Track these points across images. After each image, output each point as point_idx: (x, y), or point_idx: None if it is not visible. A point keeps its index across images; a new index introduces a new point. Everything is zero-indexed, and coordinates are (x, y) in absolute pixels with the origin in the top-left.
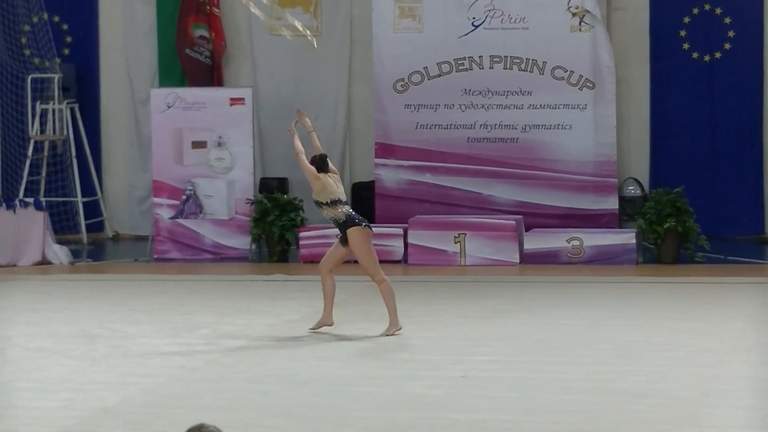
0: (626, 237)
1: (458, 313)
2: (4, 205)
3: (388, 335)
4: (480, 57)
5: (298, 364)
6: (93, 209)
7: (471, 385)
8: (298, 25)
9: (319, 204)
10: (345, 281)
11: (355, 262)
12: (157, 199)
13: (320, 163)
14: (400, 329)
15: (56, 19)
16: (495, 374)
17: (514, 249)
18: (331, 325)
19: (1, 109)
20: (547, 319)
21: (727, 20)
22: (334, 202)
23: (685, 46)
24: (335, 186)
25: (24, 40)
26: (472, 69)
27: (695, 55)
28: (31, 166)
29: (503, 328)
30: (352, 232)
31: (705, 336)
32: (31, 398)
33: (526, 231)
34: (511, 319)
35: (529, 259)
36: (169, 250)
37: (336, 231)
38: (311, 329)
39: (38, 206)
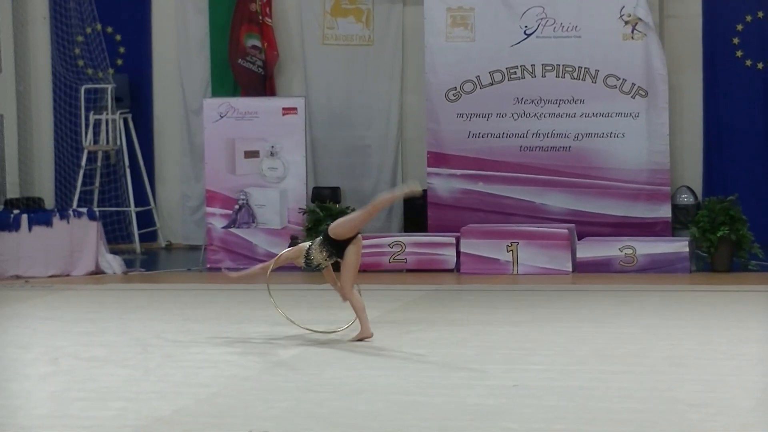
0: (679, 245)
1: (511, 321)
2: (58, 215)
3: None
4: (532, 65)
5: (351, 374)
6: (146, 219)
7: (524, 394)
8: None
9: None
10: (395, 290)
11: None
12: (209, 209)
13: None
14: (371, 336)
15: (109, 29)
16: (548, 383)
17: (566, 258)
18: (370, 337)
19: (55, 120)
20: (601, 328)
21: None
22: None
23: (739, 53)
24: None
25: (77, 51)
26: (524, 77)
27: (748, 62)
28: (84, 176)
29: (556, 337)
30: (357, 241)
31: (761, 345)
32: (84, 408)
33: (579, 239)
34: (564, 328)
35: (582, 267)
36: (222, 260)
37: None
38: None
39: (92, 216)
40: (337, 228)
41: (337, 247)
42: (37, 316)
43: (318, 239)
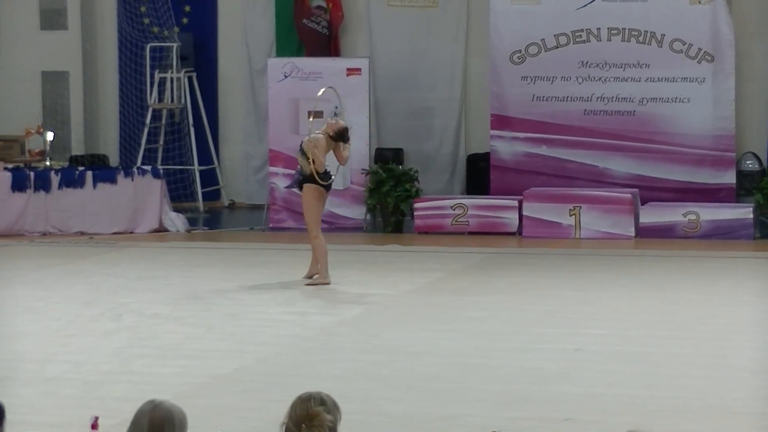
0: (743, 212)
1: (572, 286)
2: (122, 172)
3: (313, 284)
4: (598, 29)
5: (412, 336)
6: (210, 178)
7: (585, 358)
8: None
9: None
10: (457, 253)
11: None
12: (273, 169)
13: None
14: (328, 283)
15: None
16: (610, 348)
17: (629, 222)
18: (327, 284)
19: (120, 78)
20: (663, 294)
21: None
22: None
23: None
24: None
25: (143, 9)
26: (589, 41)
27: None
28: (149, 134)
29: (618, 302)
30: (307, 187)
31: None
32: (146, 365)
33: (642, 204)
34: (626, 293)
35: (645, 232)
36: (285, 219)
37: None
38: (307, 284)
39: (156, 174)
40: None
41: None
42: (101, 272)
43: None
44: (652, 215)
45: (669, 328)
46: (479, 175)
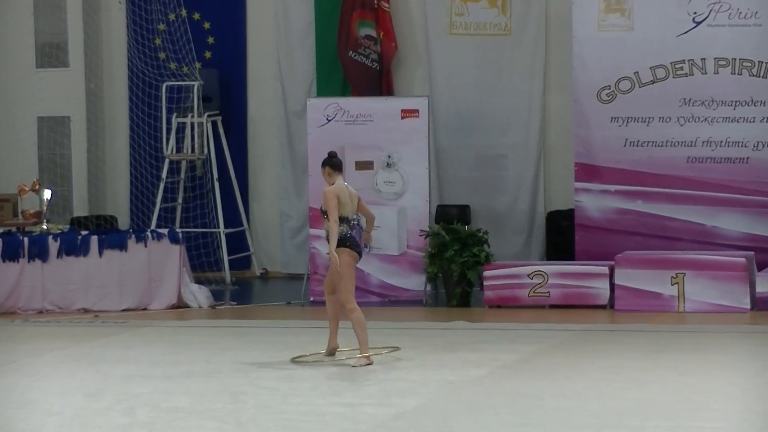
0: None
1: (676, 369)
2: (134, 237)
3: (356, 366)
4: (702, 60)
5: (483, 430)
6: (238, 242)
7: None
8: None
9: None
10: (536, 330)
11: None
12: (314, 231)
13: (333, 164)
14: (370, 363)
15: (197, 16)
16: None
17: (744, 292)
18: (337, 348)
19: (131, 123)
20: None
21: None
22: (342, 220)
23: None
24: (349, 203)
25: (159, 42)
26: (692, 74)
27: None
28: (165, 190)
29: (732, 390)
30: (342, 252)
31: None
32: None
33: (759, 270)
34: (742, 379)
35: (763, 304)
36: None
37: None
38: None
39: (174, 239)
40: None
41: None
42: (110, 357)
43: (347, 228)
44: None
45: None
46: (562, 236)
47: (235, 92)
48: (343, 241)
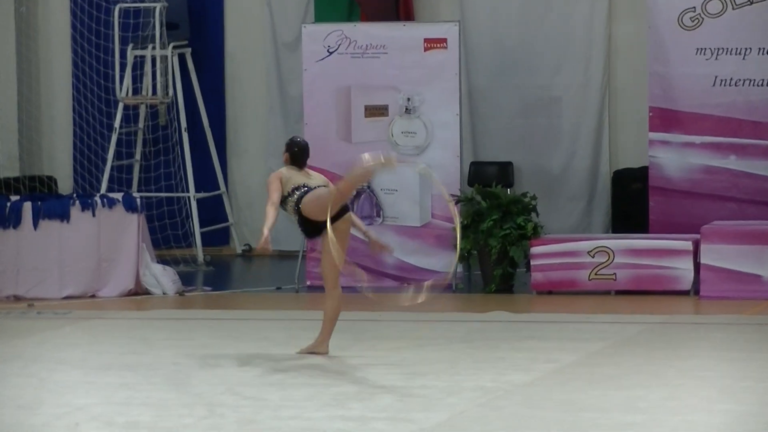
0: None
1: None
2: (78, 204)
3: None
4: None
5: None
6: (213, 211)
7: None
8: None
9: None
10: (599, 323)
11: None
12: None
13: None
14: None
15: None
16: None
17: None
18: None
19: (74, 57)
20: None
21: None
22: (294, 190)
23: None
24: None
25: None
26: None
27: None
28: (119, 144)
29: None
30: (302, 205)
31: None
32: None
33: None
34: None
35: None
36: None
37: None
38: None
39: (130, 206)
40: (306, 204)
41: (306, 226)
42: (48, 358)
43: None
44: None
45: None
46: (632, 202)
47: (209, 17)
48: (300, 196)
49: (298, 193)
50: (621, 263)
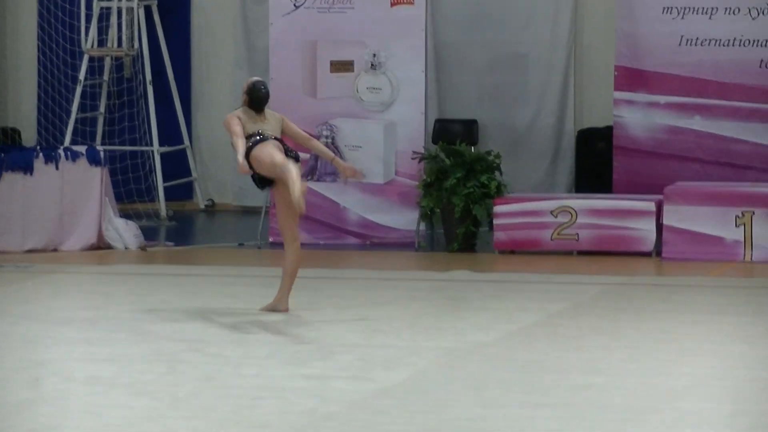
0: None
1: (740, 335)
2: (42, 156)
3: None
4: None
5: (490, 413)
6: (177, 165)
7: None
8: None
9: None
10: (561, 283)
11: None
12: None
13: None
14: (286, 310)
15: None
16: None
17: None
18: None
19: (39, 7)
20: None
21: None
22: (249, 137)
23: None
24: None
25: None
26: None
27: None
28: (83, 96)
29: None
30: (252, 153)
31: None
32: None
33: None
34: None
35: None
36: None
37: None
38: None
39: (94, 159)
40: (254, 159)
41: (256, 177)
42: (8, 312)
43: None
44: None
45: None
46: (596, 161)
47: None
48: (253, 143)
49: (249, 142)
50: (584, 223)
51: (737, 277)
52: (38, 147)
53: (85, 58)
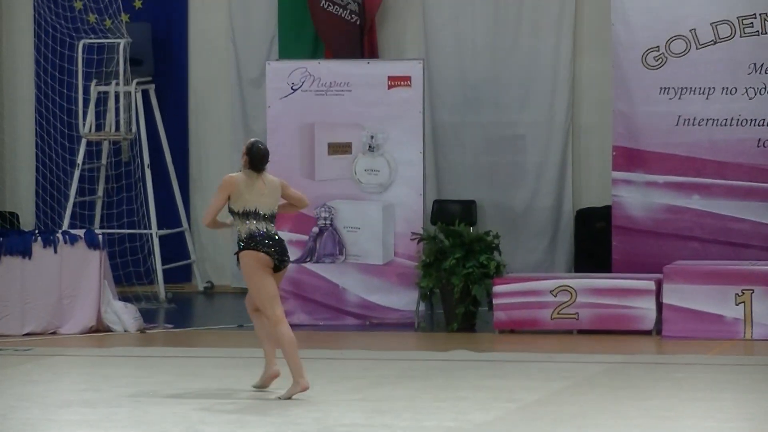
0: None
1: (743, 413)
2: (40, 240)
3: (288, 398)
4: None
5: None
6: (176, 248)
7: None
8: None
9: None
10: (562, 362)
11: None
12: (280, 233)
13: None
14: (306, 389)
15: None
16: None
17: None
18: (277, 376)
19: (37, 93)
20: None
21: None
22: (246, 214)
23: None
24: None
25: None
26: (766, 32)
27: None
28: (81, 180)
29: None
30: (243, 256)
31: None
32: None
33: None
34: None
35: None
36: (293, 311)
37: None
38: (254, 387)
39: (92, 242)
40: (246, 265)
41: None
42: (9, 395)
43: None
44: None
45: None
46: (595, 241)
47: (173, 54)
48: (248, 242)
49: (244, 226)
50: (583, 302)
51: (738, 355)
52: (37, 231)
53: (83, 142)
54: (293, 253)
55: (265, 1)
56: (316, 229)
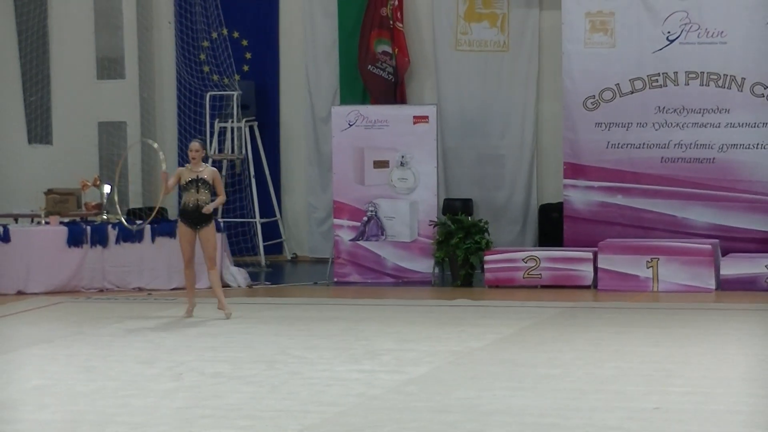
0: None
1: (650, 341)
2: None
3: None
4: (675, 73)
5: (483, 394)
6: (272, 230)
7: (666, 417)
8: None
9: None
10: (529, 307)
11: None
12: (337, 221)
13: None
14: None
15: (236, 34)
16: (692, 407)
17: (710, 275)
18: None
19: (179, 128)
20: (746, 350)
21: None
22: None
23: None
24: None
25: (203, 57)
26: (666, 86)
27: None
28: None
29: (699, 359)
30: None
31: None
32: (208, 425)
33: (723, 256)
34: (707, 349)
35: (727, 285)
36: (350, 273)
37: None
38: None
39: (216, 227)
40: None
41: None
42: (160, 329)
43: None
44: (734, 267)
45: (754, 385)
46: (552, 225)
47: (269, 100)
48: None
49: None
50: (545, 267)
51: (648, 302)
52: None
53: (210, 161)
54: (350, 235)
55: (331, 66)
56: (365, 218)
